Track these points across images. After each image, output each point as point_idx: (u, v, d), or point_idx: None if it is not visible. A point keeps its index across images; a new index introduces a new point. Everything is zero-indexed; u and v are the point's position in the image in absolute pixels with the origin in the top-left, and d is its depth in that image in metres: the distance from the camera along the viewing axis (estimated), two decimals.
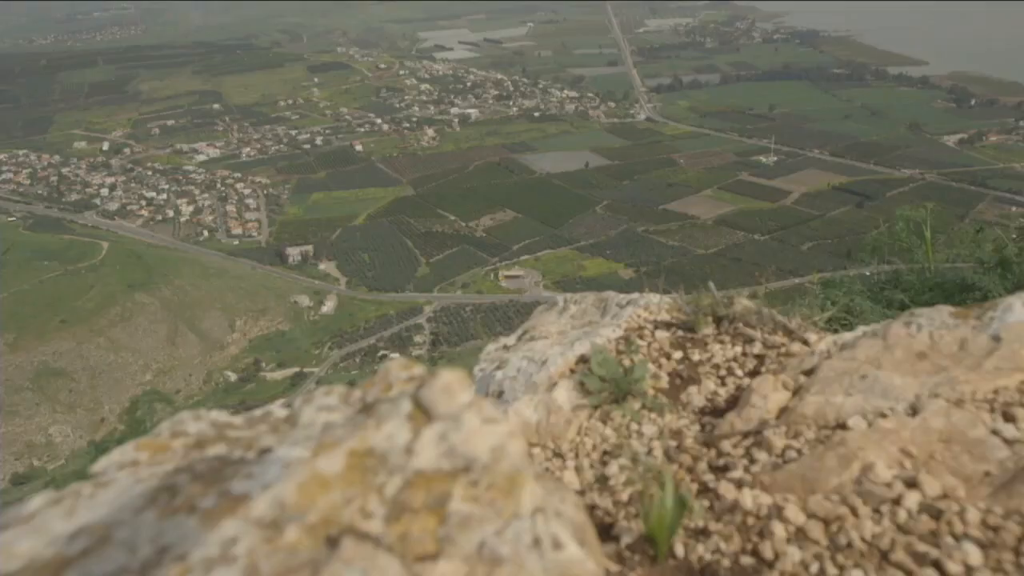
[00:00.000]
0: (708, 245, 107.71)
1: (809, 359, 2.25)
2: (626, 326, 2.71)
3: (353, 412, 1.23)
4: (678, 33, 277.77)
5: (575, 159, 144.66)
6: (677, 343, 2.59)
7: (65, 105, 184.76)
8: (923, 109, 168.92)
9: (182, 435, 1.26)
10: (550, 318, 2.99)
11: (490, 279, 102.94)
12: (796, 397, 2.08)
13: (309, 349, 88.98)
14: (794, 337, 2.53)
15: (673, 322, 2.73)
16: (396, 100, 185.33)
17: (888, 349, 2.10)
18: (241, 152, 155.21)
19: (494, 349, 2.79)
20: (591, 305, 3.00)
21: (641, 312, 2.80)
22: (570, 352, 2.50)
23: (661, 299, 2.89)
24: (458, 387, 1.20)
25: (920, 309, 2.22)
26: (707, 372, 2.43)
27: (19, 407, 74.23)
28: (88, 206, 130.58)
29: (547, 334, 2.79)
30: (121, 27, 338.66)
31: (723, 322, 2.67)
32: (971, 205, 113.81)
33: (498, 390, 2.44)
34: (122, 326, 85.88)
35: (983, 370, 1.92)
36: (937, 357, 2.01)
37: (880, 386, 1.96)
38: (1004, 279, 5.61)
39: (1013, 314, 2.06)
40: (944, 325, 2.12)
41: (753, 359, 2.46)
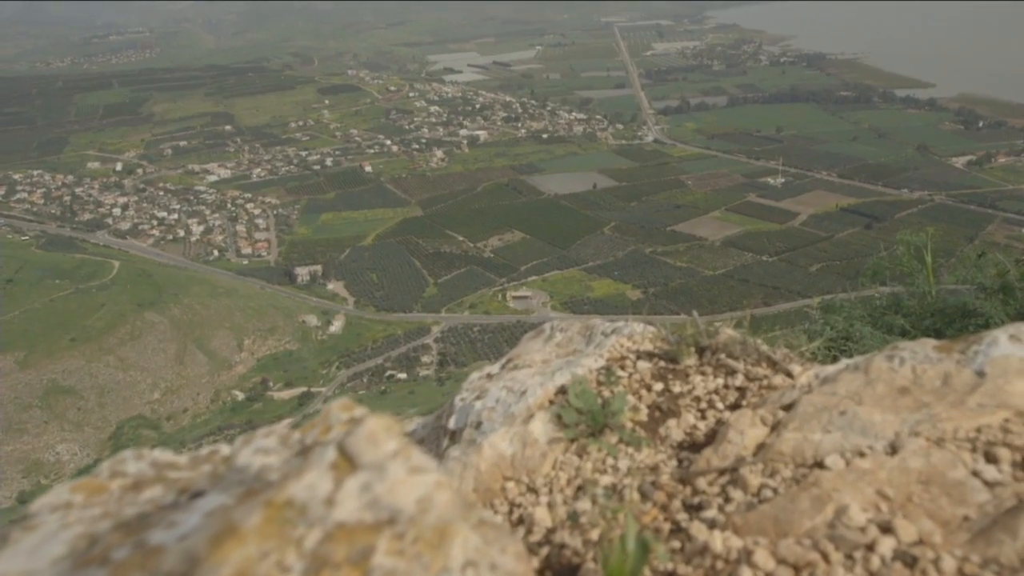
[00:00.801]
0: (716, 266, 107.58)
1: (789, 393, 2.19)
2: (608, 356, 2.65)
3: (290, 455, 1.19)
4: (685, 56, 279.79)
5: (583, 180, 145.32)
6: (659, 374, 2.54)
7: (80, 126, 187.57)
8: (930, 131, 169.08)
9: (121, 476, 1.20)
10: (536, 346, 2.94)
11: (498, 300, 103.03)
12: (774, 433, 2.02)
13: (317, 369, 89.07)
14: (778, 369, 2.48)
15: (656, 352, 2.67)
16: (405, 122, 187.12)
17: (870, 383, 2.04)
18: (252, 173, 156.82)
19: (477, 377, 2.74)
20: (577, 333, 2.94)
21: (625, 341, 2.74)
22: (550, 383, 2.45)
23: (645, 328, 2.84)
24: (383, 435, 1.14)
25: (903, 342, 2.17)
26: (687, 405, 2.37)
27: (28, 425, 74.52)
28: (100, 226, 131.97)
29: (531, 363, 2.74)
30: (136, 51, 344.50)
31: (706, 353, 2.61)
32: (980, 227, 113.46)
33: (477, 421, 2.38)
34: (131, 345, 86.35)
35: (966, 407, 1.85)
36: (919, 392, 1.95)
37: (859, 423, 1.90)
38: (1006, 305, 5.55)
39: (998, 348, 1.98)
40: (927, 359, 2.06)
41: (735, 392, 2.41)
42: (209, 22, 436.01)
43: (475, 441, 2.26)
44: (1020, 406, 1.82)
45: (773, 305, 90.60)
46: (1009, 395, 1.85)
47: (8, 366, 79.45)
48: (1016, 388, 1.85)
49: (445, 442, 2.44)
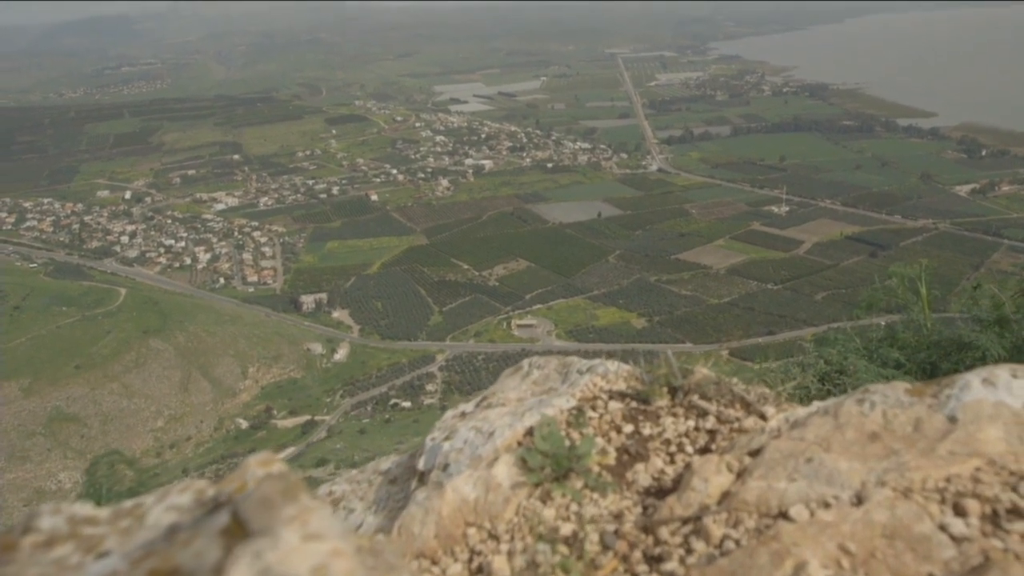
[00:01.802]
0: (721, 295, 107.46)
1: (758, 438, 2.14)
2: (581, 395, 2.58)
3: (203, 513, 1.13)
4: (688, 86, 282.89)
5: (588, 209, 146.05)
6: (630, 415, 2.48)
7: (90, 155, 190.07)
8: (934, 160, 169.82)
9: (34, 532, 1.15)
10: (512, 383, 2.88)
11: (503, 328, 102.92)
12: (740, 480, 1.96)
13: (321, 397, 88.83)
14: (751, 410, 2.42)
15: (628, 392, 2.60)
16: (411, 151, 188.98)
17: (839, 429, 1.98)
18: (259, 201, 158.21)
19: (451, 416, 2.70)
20: (554, 370, 2.87)
21: (598, 381, 2.67)
22: (519, 423, 2.39)
23: (619, 367, 2.78)
24: (280, 499, 1.07)
25: (875, 385, 2.11)
26: (656, 448, 2.31)
27: (31, 452, 74.30)
28: (108, 253, 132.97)
29: (506, 401, 2.69)
30: (148, 81, 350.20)
31: (678, 393, 2.55)
32: (986, 255, 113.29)
33: (444, 462, 2.32)
34: (136, 372, 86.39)
35: (936, 455, 1.79)
36: (889, 439, 1.89)
37: (826, 471, 1.84)
38: (1002, 338, 5.49)
39: (971, 393, 1.92)
40: (899, 403, 2.00)
41: (705, 434, 2.35)
42: (220, 54, 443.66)
43: (441, 484, 2.21)
44: (992, 454, 1.77)
45: (778, 333, 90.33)
46: (981, 443, 1.80)
47: (13, 393, 79.49)
48: (988, 435, 1.80)
49: (414, 483, 2.40)
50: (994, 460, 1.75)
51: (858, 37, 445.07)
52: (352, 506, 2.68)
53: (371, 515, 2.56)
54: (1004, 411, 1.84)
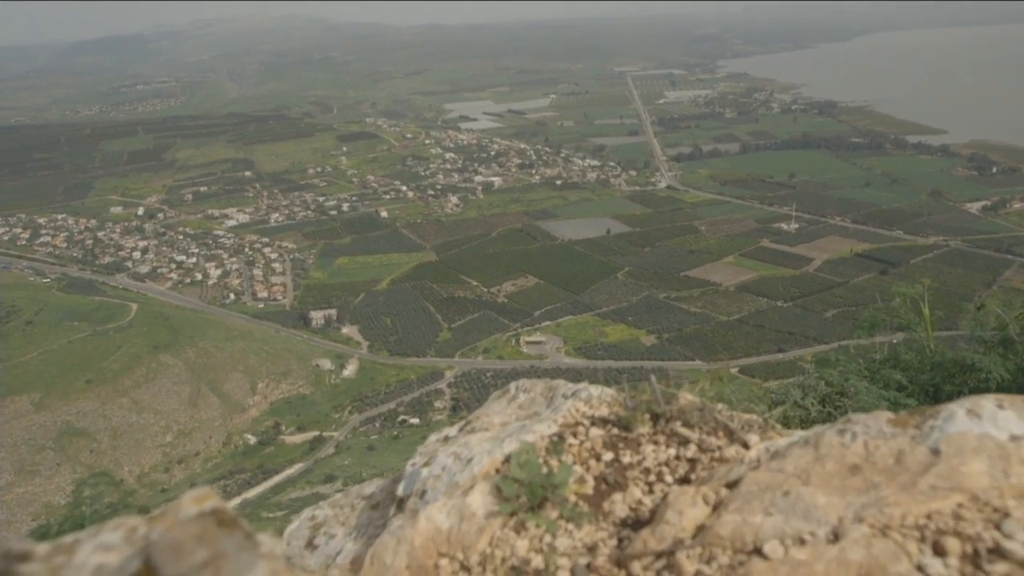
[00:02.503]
0: (730, 312, 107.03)
1: (736, 468, 2.08)
2: (562, 421, 2.51)
3: (132, 552, 1.10)
4: (697, 104, 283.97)
5: (597, 226, 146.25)
6: (610, 442, 2.41)
7: (104, 172, 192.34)
8: (944, 177, 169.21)
9: None
10: (498, 407, 2.83)
11: (512, 345, 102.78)
12: (715, 514, 1.89)
13: (329, 413, 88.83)
14: (734, 439, 2.36)
15: (610, 418, 2.53)
16: (421, 168, 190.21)
17: (819, 460, 1.92)
18: (270, 217, 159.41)
19: (434, 440, 2.65)
20: (540, 394, 2.82)
21: (581, 406, 2.60)
22: (498, 450, 2.34)
23: (602, 392, 2.70)
24: (192, 544, 1.01)
25: (857, 415, 2.04)
26: (636, 477, 2.24)
27: (40, 467, 74.54)
28: (120, 268, 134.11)
29: (489, 425, 2.64)
30: (162, 99, 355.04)
31: (660, 420, 2.48)
32: (998, 272, 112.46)
33: (422, 489, 2.27)
34: (146, 387, 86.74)
35: (917, 490, 1.73)
36: (870, 471, 1.83)
37: (803, 505, 1.78)
38: (1005, 359, 5.41)
39: (955, 424, 1.86)
40: (881, 434, 1.94)
41: (686, 463, 2.29)
42: (233, 72, 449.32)
43: (416, 512, 2.15)
44: (975, 489, 1.69)
45: (788, 351, 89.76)
46: (964, 477, 1.73)
47: (24, 407, 79.95)
48: (972, 469, 1.73)
49: (392, 509, 2.35)
50: (977, 496, 1.68)
51: (866, 55, 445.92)
52: (333, 531, 2.66)
53: (351, 541, 2.51)
54: (989, 444, 1.78)
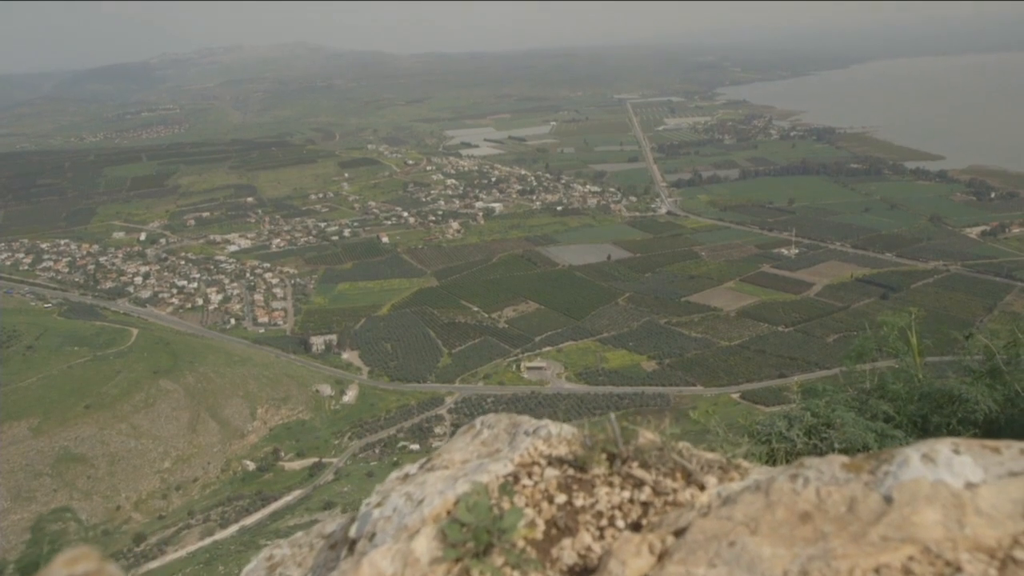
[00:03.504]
0: (731, 337, 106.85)
1: (686, 515, 2.00)
2: (519, 461, 2.43)
3: None
4: (696, 131, 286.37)
5: (597, 252, 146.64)
6: (565, 484, 2.33)
7: (108, 197, 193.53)
8: (942, 202, 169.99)
9: None
10: (461, 443, 2.74)
11: (512, 370, 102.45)
12: (660, 564, 1.82)
13: (329, 439, 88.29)
14: (691, 480, 2.29)
15: (567, 458, 2.44)
16: (423, 194, 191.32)
17: (770, 507, 1.83)
18: (271, 243, 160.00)
19: (394, 477, 2.57)
20: (503, 430, 2.73)
21: (539, 445, 2.52)
22: (451, 490, 2.27)
23: (562, 430, 2.60)
24: None
25: (811, 459, 1.98)
26: (587, 521, 2.16)
27: (37, 492, 73.90)
28: (121, 293, 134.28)
29: (449, 463, 2.55)
30: (166, 126, 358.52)
31: (617, 461, 2.38)
32: (999, 296, 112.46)
33: (371, 531, 2.20)
34: (145, 412, 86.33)
35: (867, 540, 1.65)
36: (821, 520, 1.75)
37: (748, 557, 1.69)
38: (993, 390, 5.36)
39: (909, 470, 1.77)
40: (834, 480, 1.86)
41: (639, 507, 2.21)
42: (237, 99, 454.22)
43: (361, 556, 2.07)
44: (927, 541, 1.61)
45: (790, 376, 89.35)
46: (916, 527, 1.64)
47: (22, 433, 79.50)
48: (924, 518, 1.65)
49: (344, 551, 2.28)
50: (929, 548, 1.59)
51: (863, 83, 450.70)
52: (289, 573, 2.61)
53: None
54: (943, 492, 1.69)
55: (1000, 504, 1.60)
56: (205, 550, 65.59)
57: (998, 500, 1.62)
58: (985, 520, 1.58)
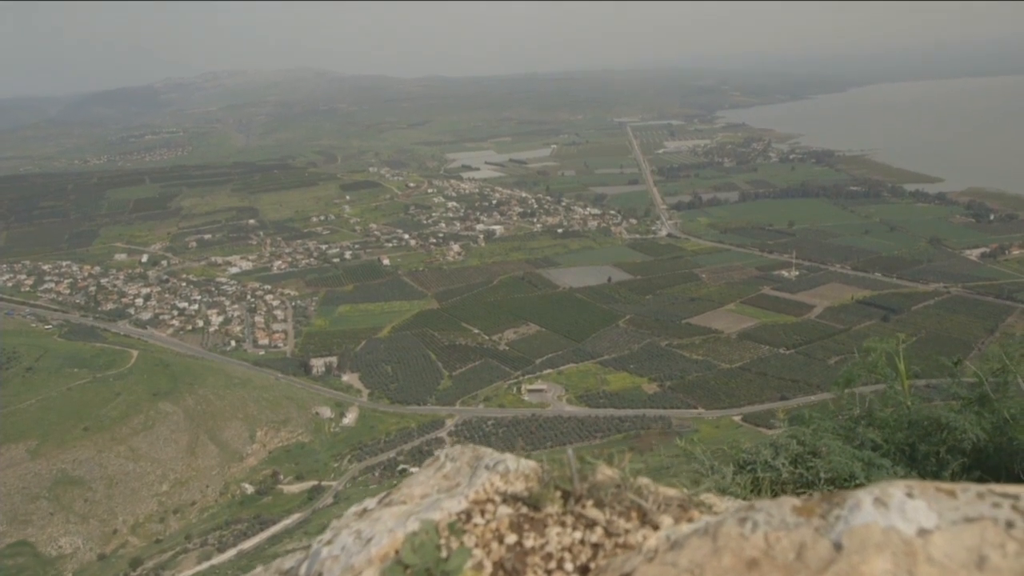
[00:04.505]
0: (733, 359, 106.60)
1: (632, 560, 1.92)
2: (474, 497, 2.35)
3: None
4: (696, 154, 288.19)
5: (598, 274, 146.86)
6: (517, 523, 2.25)
7: (110, 219, 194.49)
8: (942, 224, 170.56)
9: None
10: (423, 477, 2.66)
11: (513, 393, 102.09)
12: None
13: (328, 462, 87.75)
14: (646, 520, 2.20)
15: (522, 495, 2.36)
16: (424, 217, 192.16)
17: (716, 553, 1.76)
18: (272, 265, 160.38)
19: (352, 513, 2.50)
20: (466, 463, 2.64)
21: (496, 480, 2.44)
22: (401, 528, 2.20)
23: (521, 465, 2.52)
24: None
25: (761, 502, 1.91)
26: (535, 564, 2.09)
27: (33, 516, 73.35)
28: (122, 315, 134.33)
29: (408, 497, 2.48)
30: (169, 149, 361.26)
31: (571, 499, 2.31)
32: (1000, 318, 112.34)
33: (319, 571, 2.14)
34: (144, 435, 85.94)
35: None
36: (769, 567, 1.66)
37: None
38: (981, 418, 5.30)
39: (861, 515, 1.69)
40: (784, 525, 1.78)
41: (590, 549, 2.13)
42: (240, 123, 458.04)
43: None
44: None
45: (791, 399, 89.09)
46: None
47: (19, 455, 79.09)
48: (873, 567, 1.55)
49: None
50: None
51: (861, 106, 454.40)
52: None
53: None
54: (894, 539, 1.60)
55: (953, 552, 1.51)
56: (202, 575, 64.91)
57: (951, 548, 1.52)
58: (937, 570, 1.49)
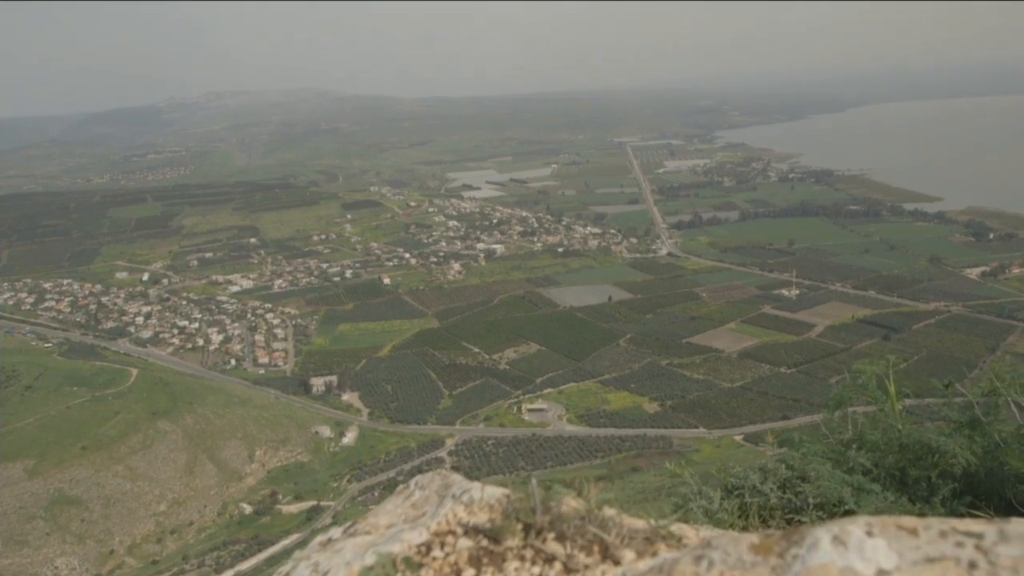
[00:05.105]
0: (734, 379, 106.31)
1: None
2: (436, 528, 2.29)
3: None
4: (696, 173, 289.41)
5: (598, 293, 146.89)
6: (476, 557, 2.18)
7: (112, 238, 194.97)
8: (941, 243, 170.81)
9: None
10: (390, 506, 2.60)
11: (513, 412, 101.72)
12: None
13: (327, 482, 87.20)
14: (607, 555, 2.14)
15: (484, 527, 2.29)
16: (424, 236, 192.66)
17: None
18: (273, 284, 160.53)
19: (316, 543, 2.45)
20: (434, 492, 2.57)
21: (460, 511, 2.35)
22: (358, 562, 2.13)
23: (486, 495, 2.43)
24: None
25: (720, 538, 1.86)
26: None
27: (29, 537, 72.76)
28: (122, 333, 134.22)
29: (373, 527, 2.41)
30: (172, 168, 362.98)
31: (531, 532, 2.24)
32: (1001, 337, 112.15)
33: None
34: (142, 454, 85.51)
35: None
36: None
37: None
38: (972, 442, 5.25)
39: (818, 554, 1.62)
40: (740, 563, 1.72)
41: None
42: (242, 142, 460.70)
43: None
44: None
45: (793, 418, 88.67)
46: None
47: (17, 475, 78.63)
48: None
49: None
50: None
51: (860, 126, 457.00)
52: None
53: None
54: None
55: None
56: None
57: None
58: None
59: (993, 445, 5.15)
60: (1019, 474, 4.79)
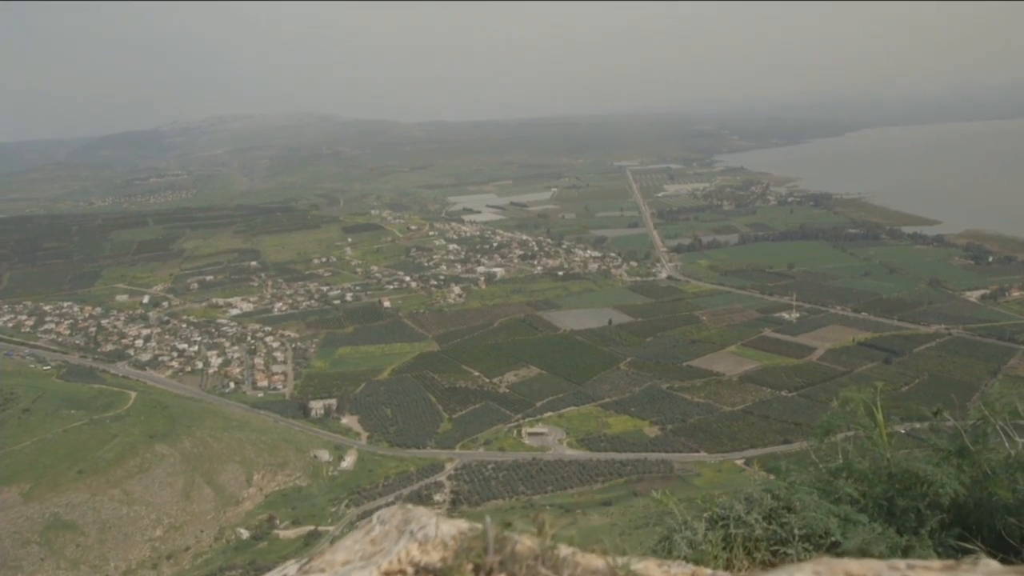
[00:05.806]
0: (734, 402, 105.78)
1: None
2: (386, 568, 2.23)
3: None
4: (695, 197, 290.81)
5: (598, 316, 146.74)
6: None
7: (113, 261, 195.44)
8: (941, 266, 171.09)
9: None
10: (350, 540, 2.54)
11: (513, 436, 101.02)
12: None
13: (326, 506, 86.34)
14: None
15: (435, 566, 2.23)
16: (425, 259, 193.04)
17: None
18: (273, 307, 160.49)
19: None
20: (395, 527, 2.52)
21: (412, 549, 2.29)
22: None
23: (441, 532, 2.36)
24: None
25: None
26: None
27: (23, 562, 71.84)
28: (122, 356, 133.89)
29: (329, 564, 2.36)
30: (174, 191, 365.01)
31: (480, 573, 2.19)
32: (1002, 360, 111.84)
33: None
34: (139, 478, 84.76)
35: None
36: None
37: None
38: (960, 471, 5.22)
39: None
40: None
41: None
42: (244, 166, 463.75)
43: None
44: None
45: (794, 442, 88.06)
46: None
47: (12, 499, 77.89)
48: None
49: None
50: None
51: (858, 150, 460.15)
52: None
53: None
54: None
55: None
56: None
57: None
58: None
59: (982, 475, 5.09)
60: (1008, 505, 4.74)
